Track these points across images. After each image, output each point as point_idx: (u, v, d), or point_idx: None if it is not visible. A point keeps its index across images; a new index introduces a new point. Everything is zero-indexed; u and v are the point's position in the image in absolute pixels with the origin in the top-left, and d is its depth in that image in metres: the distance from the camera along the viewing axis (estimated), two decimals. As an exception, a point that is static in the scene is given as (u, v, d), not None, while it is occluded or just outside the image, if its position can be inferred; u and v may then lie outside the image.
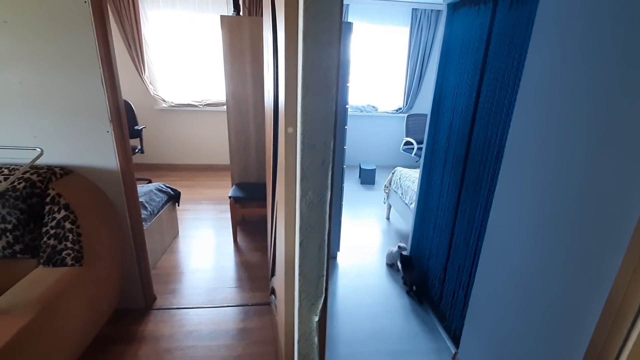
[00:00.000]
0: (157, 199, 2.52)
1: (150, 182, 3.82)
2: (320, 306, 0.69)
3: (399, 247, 2.49)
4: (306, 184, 0.62)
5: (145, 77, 4.10)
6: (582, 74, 1.03)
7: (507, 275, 1.36)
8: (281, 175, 0.72)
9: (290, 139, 0.64)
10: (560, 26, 1.12)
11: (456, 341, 1.80)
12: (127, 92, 4.04)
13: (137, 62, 4.01)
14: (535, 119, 1.22)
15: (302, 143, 0.59)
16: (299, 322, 0.71)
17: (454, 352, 1.80)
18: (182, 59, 4.20)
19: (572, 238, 1.05)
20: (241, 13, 3.03)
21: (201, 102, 4.37)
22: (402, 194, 3.02)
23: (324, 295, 0.69)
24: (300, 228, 0.65)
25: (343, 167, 2.47)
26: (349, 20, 4.47)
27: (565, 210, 1.08)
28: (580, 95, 1.03)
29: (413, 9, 4.51)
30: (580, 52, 1.04)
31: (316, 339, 0.70)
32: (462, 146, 1.83)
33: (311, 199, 0.63)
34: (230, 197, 2.76)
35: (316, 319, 0.69)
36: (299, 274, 0.67)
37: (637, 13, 0.87)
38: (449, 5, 1.99)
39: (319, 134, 0.59)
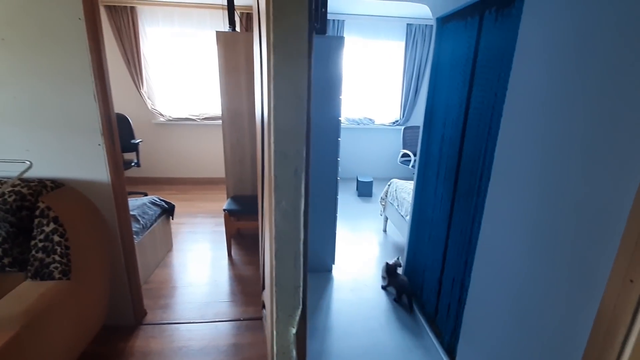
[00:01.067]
0: (151, 212, 2.51)
1: (146, 195, 3.81)
2: (297, 318, 0.67)
3: (394, 261, 2.45)
4: (279, 193, 0.61)
5: (143, 92, 4.15)
6: (563, 83, 1.04)
7: (499, 287, 1.34)
8: (265, 185, 0.72)
9: (269, 148, 0.64)
10: (542, 39, 1.13)
11: (452, 356, 1.76)
12: (125, 106, 4.09)
13: (135, 77, 4.07)
14: (521, 128, 1.23)
15: (275, 152, 0.59)
16: (276, 335, 0.69)
17: (449, 367, 1.75)
18: (180, 74, 4.27)
19: (562, 247, 1.04)
20: (237, 29, 3.10)
21: (199, 116, 4.41)
22: (398, 205, 3.00)
23: (301, 307, 0.67)
24: (275, 238, 0.64)
25: (337, 179, 2.46)
26: (344, 35, 4.55)
27: (554, 219, 1.07)
28: (563, 103, 1.04)
29: (408, 24, 4.60)
30: (562, 63, 1.05)
31: (294, 353, 0.68)
32: (453, 157, 1.83)
33: (285, 209, 0.62)
34: (224, 210, 2.75)
35: (294, 331, 0.67)
36: (275, 285, 0.65)
37: (616, 26, 0.88)
38: (438, 19, 2.03)
39: (291, 143, 0.59)
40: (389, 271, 2.41)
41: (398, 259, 2.47)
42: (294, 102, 0.56)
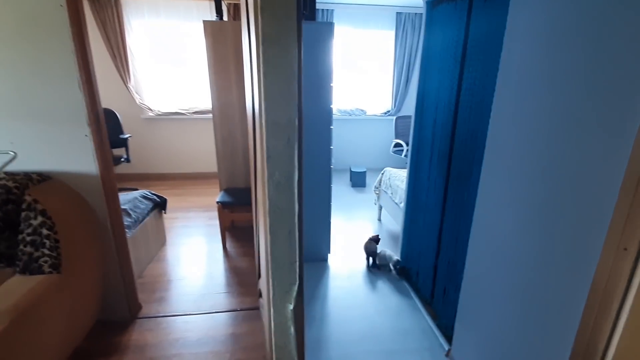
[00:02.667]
0: (142, 207, 2.47)
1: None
2: (294, 294, 0.66)
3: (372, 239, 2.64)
4: (272, 165, 0.60)
5: (130, 86, 4.07)
6: (553, 61, 1.04)
7: (494, 268, 1.35)
8: (258, 160, 0.70)
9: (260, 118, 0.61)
10: (532, 18, 1.13)
11: (449, 338, 1.78)
12: (112, 101, 4.00)
13: (122, 71, 3.99)
14: (513, 106, 1.23)
15: (266, 121, 0.57)
16: (273, 312, 0.68)
17: (447, 349, 1.77)
18: (168, 67, 4.19)
19: (556, 222, 1.04)
20: (224, 18, 3.04)
21: (188, 110, 4.34)
22: (392, 193, 3.01)
23: (297, 282, 0.66)
24: (269, 211, 0.62)
25: (330, 168, 2.45)
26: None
27: (548, 194, 1.07)
28: (553, 81, 1.04)
29: (397, 12, 4.57)
30: (551, 42, 1.05)
31: (292, 329, 0.67)
32: (446, 141, 1.83)
33: (278, 180, 0.61)
34: (218, 203, 2.73)
35: (291, 307, 0.66)
36: (271, 261, 0.64)
37: (601, 7, 0.88)
38: (427, 3, 2.01)
39: (283, 111, 0.57)
40: (369, 245, 2.63)
41: (377, 235, 2.67)
42: (284, 68, 0.54)
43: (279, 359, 0.74)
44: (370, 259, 2.62)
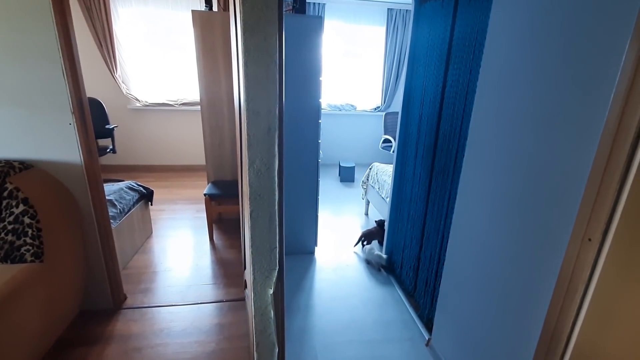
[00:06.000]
0: (128, 197, 2.45)
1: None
2: (274, 279, 0.68)
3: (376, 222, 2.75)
4: (253, 152, 0.61)
5: (117, 76, 4.00)
6: (531, 61, 1.08)
7: (471, 260, 1.40)
8: (242, 147, 0.71)
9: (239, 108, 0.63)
10: (513, 16, 1.16)
11: (430, 328, 1.83)
12: (98, 91, 3.93)
13: (108, 60, 3.91)
14: (492, 105, 1.27)
15: (247, 110, 0.59)
16: (254, 297, 0.70)
17: (427, 338, 1.83)
18: (156, 57, 4.12)
19: (527, 219, 1.09)
20: (214, 8, 3.01)
21: (176, 101, 4.29)
22: (379, 188, 3.05)
23: (277, 268, 0.68)
24: (250, 198, 0.64)
25: (318, 161, 2.47)
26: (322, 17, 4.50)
27: (517, 191, 1.12)
28: (529, 82, 1.08)
29: (388, 8, 4.59)
30: (529, 42, 1.08)
31: (272, 313, 0.70)
32: (431, 136, 1.87)
33: (259, 168, 0.62)
34: (205, 195, 2.72)
35: (271, 291, 0.68)
36: (251, 246, 0.66)
37: (578, 5, 0.91)
38: (416, 0, 2.03)
39: (263, 100, 0.59)
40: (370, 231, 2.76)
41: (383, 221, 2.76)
42: (264, 58, 0.56)
43: (259, 343, 0.76)
44: (365, 243, 2.71)
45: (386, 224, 2.57)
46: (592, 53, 0.87)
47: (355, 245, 2.74)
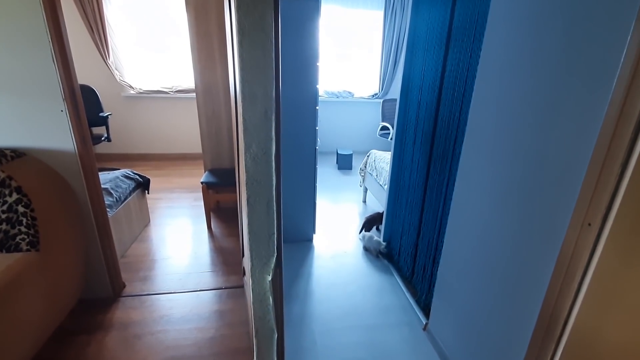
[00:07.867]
0: (124, 186, 2.43)
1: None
2: (272, 265, 0.68)
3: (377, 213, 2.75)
4: (249, 137, 0.60)
5: (110, 62, 3.91)
6: (533, 46, 1.05)
7: (469, 244, 1.40)
8: (239, 133, 0.69)
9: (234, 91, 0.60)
10: (513, 2, 1.13)
11: (427, 314, 1.85)
12: (91, 78, 3.85)
13: (100, 46, 3.82)
14: (492, 90, 1.24)
15: (242, 93, 0.57)
16: (252, 283, 0.69)
17: (424, 323, 1.85)
18: (150, 43, 4.03)
19: (524, 202, 1.09)
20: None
21: (171, 88, 4.22)
22: (377, 175, 3.04)
23: (275, 254, 0.68)
24: (247, 184, 0.63)
25: (316, 148, 2.45)
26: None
27: (516, 176, 1.11)
28: (531, 67, 1.05)
29: (386, -8, 4.49)
30: (531, 26, 1.06)
31: (271, 299, 0.69)
32: (429, 122, 1.85)
33: (255, 153, 0.61)
34: (202, 183, 2.70)
35: (269, 278, 0.68)
36: (249, 233, 0.65)
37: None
38: (415, -19, 1.98)
39: (259, 82, 0.56)
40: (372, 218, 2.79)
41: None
42: (259, 38, 0.54)
43: (258, 329, 0.76)
44: (364, 230, 2.74)
45: (384, 212, 2.57)
46: (595, 36, 0.85)
47: (360, 233, 2.74)
